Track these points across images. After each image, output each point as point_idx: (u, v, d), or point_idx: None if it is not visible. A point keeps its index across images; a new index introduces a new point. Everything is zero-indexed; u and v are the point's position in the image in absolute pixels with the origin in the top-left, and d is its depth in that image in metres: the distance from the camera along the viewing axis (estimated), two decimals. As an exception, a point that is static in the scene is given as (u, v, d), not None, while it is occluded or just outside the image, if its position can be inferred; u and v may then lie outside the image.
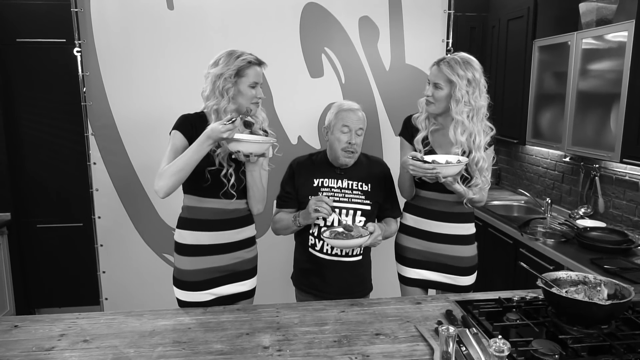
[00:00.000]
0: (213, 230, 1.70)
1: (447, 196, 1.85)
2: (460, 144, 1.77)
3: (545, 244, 2.48)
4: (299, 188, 1.88)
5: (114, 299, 2.77)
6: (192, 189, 1.68)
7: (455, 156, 1.77)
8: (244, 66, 1.65)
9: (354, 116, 1.82)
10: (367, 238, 1.69)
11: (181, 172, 1.57)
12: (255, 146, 1.58)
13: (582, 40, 2.50)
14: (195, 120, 1.68)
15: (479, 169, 1.78)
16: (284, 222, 1.86)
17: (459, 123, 1.77)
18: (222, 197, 1.68)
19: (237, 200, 1.72)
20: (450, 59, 1.77)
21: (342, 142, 1.81)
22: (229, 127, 1.50)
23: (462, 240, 1.89)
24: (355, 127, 1.81)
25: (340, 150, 1.83)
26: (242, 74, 1.65)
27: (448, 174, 1.68)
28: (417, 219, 1.91)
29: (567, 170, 3.12)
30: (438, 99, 1.79)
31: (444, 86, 1.78)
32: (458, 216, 1.88)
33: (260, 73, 1.69)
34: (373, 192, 1.88)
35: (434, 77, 1.80)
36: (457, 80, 1.74)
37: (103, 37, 2.52)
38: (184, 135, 1.65)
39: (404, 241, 1.96)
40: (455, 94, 1.75)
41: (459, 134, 1.77)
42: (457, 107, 1.75)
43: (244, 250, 1.77)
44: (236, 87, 1.65)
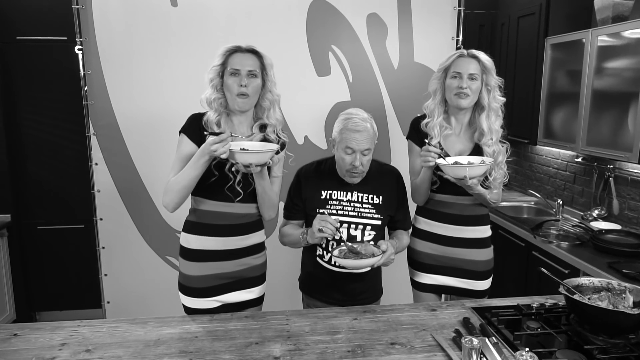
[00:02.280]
0: (220, 236, 1.63)
1: (462, 199, 1.79)
2: (496, 132, 1.74)
3: (560, 247, 2.41)
4: (306, 200, 1.79)
5: (116, 302, 2.71)
6: (200, 190, 1.60)
7: (478, 157, 1.71)
8: (227, 55, 1.59)
9: (360, 137, 1.64)
10: (380, 258, 1.60)
11: (184, 189, 1.55)
12: (254, 156, 1.47)
13: (598, 37, 2.44)
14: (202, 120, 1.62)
15: (496, 159, 1.74)
16: (292, 238, 1.76)
17: (494, 111, 1.74)
18: (228, 192, 1.59)
19: (247, 204, 1.65)
20: (472, 50, 1.75)
21: (346, 163, 1.70)
22: (216, 140, 1.43)
23: (478, 243, 1.83)
24: (361, 148, 1.66)
25: (344, 171, 1.73)
26: (226, 63, 1.60)
27: (475, 175, 1.62)
28: (431, 223, 1.85)
29: (579, 171, 3.05)
30: (475, 90, 1.73)
31: (478, 76, 1.73)
32: (474, 219, 1.81)
33: (247, 62, 1.58)
34: (385, 205, 1.79)
35: (467, 68, 1.71)
36: (492, 66, 1.73)
37: (105, 35, 2.46)
38: (191, 138, 1.59)
39: (417, 246, 1.89)
40: (489, 82, 1.73)
41: (493, 121, 1.74)
42: (492, 94, 1.74)
43: (252, 256, 1.70)
44: (222, 78, 1.60)
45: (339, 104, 2.62)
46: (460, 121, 1.81)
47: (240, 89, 1.57)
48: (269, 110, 1.67)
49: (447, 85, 1.76)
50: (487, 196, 1.73)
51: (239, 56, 1.59)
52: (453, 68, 1.74)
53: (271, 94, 1.66)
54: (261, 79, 1.62)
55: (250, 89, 1.59)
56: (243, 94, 1.58)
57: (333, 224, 1.60)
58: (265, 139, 1.68)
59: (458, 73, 1.72)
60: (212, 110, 1.60)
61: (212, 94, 1.59)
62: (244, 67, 1.57)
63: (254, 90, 1.60)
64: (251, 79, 1.59)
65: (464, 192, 1.75)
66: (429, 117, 1.81)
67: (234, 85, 1.57)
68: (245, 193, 1.61)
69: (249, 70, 1.58)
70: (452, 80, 1.74)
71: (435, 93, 1.81)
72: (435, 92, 1.81)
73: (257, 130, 1.67)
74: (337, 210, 1.75)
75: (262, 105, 1.67)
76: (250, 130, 1.67)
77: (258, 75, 1.61)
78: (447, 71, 1.77)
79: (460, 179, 1.62)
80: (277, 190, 1.72)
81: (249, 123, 1.68)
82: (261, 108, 1.68)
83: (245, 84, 1.57)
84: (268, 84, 1.65)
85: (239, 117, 1.66)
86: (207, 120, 1.60)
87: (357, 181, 1.75)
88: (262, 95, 1.66)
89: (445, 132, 1.78)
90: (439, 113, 1.79)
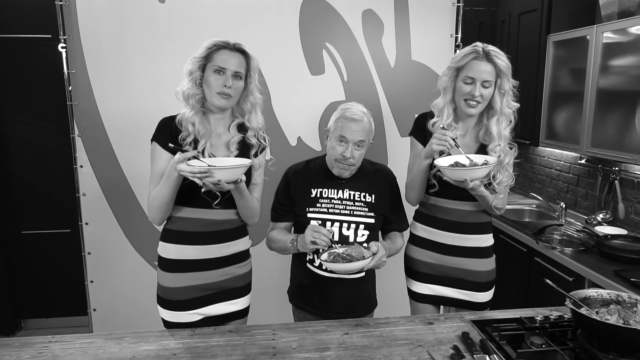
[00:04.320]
0: (200, 244, 1.53)
1: (463, 204, 1.69)
2: (505, 138, 1.64)
3: (563, 253, 2.31)
4: (295, 199, 1.71)
5: (103, 310, 2.61)
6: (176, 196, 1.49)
7: (480, 156, 1.61)
8: (212, 49, 1.49)
9: (356, 127, 1.59)
10: (370, 260, 1.51)
11: (164, 205, 1.47)
12: (222, 173, 1.35)
13: (603, 34, 2.33)
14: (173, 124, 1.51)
15: (502, 161, 1.64)
16: (281, 244, 1.68)
17: (505, 116, 1.64)
18: (205, 196, 1.48)
19: (227, 209, 1.55)
20: (491, 49, 1.62)
21: (337, 153, 1.62)
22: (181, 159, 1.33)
23: (480, 252, 1.73)
24: (355, 139, 1.59)
25: (333, 161, 1.65)
26: (209, 57, 1.49)
27: (477, 177, 1.51)
28: (430, 230, 1.75)
29: (582, 173, 2.95)
30: (487, 97, 1.62)
31: (492, 82, 1.61)
32: (475, 226, 1.71)
33: (234, 61, 1.48)
34: (377, 203, 1.70)
35: (481, 73, 1.58)
36: (508, 70, 1.62)
37: (89, 32, 2.37)
38: (164, 146, 1.48)
39: (414, 253, 1.79)
40: (503, 86, 1.62)
41: (504, 127, 1.64)
42: (505, 99, 1.63)
43: (235, 265, 1.60)
44: (203, 72, 1.49)
45: (333, 103, 2.52)
46: (468, 122, 1.71)
47: (223, 89, 1.47)
48: (250, 114, 1.58)
49: (458, 88, 1.64)
50: (490, 201, 1.63)
51: (226, 54, 1.49)
52: (466, 71, 1.61)
53: (253, 97, 1.58)
54: (244, 81, 1.53)
55: (233, 90, 1.49)
56: (225, 94, 1.48)
57: (326, 235, 1.51)
58: (244, 142, 1.58)
59: (471, 79, 1.60)
60: (189, 107, 1.50)
61: (191, 88, 1.49)
62: (231, 66, 1.48)
63: (236, 92, 1.51)
64: (235, 80, 1.49)
65: (465, 197, 1.65)
66: (438, 117, 1.70)
67: (216, 83, 1.47)
68: (223, 197, 1.51)
69: (235, 71, 1.49)
70: (464, 85, 1.62)
71: (445, 91, 1.69)
72: (445, 90, 1.69)
73: (234, 131, 1.57)
74: (328, 208, 1.66)
75: (243, 107, 1.58)
76: (228, 130, 1.58)
77: (243, 77, 1.52)
78: (459, 71, 1.64)
79: (461, 182, 1.51)
80: (258, 196, 1.63)
81: (226, 123, 1.59)
82: (241, 110, 1.59)
83: (230, 84, 1.47)
84: (251, 87, 1.56)
85: (216, 116, 1.56)
86: (181, 118, 1.50)
87: (347, 175, 1.67)
88: (244, 98, 1.57)
89: (453, 132, 1.68)
90: (448, 113, 1.67)
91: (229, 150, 1.54)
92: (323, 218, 1.66)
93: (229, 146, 1.55)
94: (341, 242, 1.63)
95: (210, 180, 1.33)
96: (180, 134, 1.49)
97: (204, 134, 1.49)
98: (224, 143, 1.56)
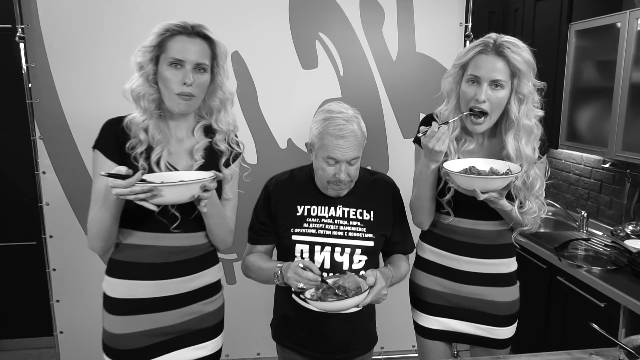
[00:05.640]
0: (156, 278, 1.23)
1: (482, 224, 1.40)
2: (527, 158, 1.30)
3: (591, 273, 2.01)
4: (277, 217, 1.42)
5: (71, 333, 2.37)
6: (123, 217, 1.20)
7: (504, 163, 1.30)
8: (165, 36, 1.19)
9: (345, 143, 1.28)
10: (366, 294, 1.22)
11: (103, 232, 1.17)
12: (173, 191, 1.07)
13: (638, 20, 2.04)
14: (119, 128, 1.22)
15: (531, 187, 1.32)
16: (261, 275, 1.39)
17: (525, 130, 1.30)
18: (160, 217, 1.19)
19: (190, 233, 1.26)
20: (505, 41, 1.28)
21: (328, 175, 1.33)
22: (117, 184, 1.04)
23: (501, 280, 1.44)
24: (346, 158, 1.30)
25: (325, 183, 1.36)
26: (163, 47, 1.19)
27: (491, 189, 1.21)
28: (440, 253, 1.45)
29: (607, 178, 2.65)
30: (497, 103, 1.28)
31: (506, 83, 1.28)
32: (497, 249, 1.42)
33: (194, 49, 1.18)
34: (377, 222, 1.42)
35: (489, 70, 1.26)
36: (527, 68, 1.27)
37: (51, 21, 2.10)
38: (109, 155, 1.20)
39: (422, 280, 1.50)
40: (521, 89, 1.28)
41: (524, 144, 1.29)
42: (524, 107, 1.29)
43: (202, 302, 1.30)
44: (157, 66, 1.20)
45: (328, 101, 2.23)
46: (483, 134, 1.40)
47: (183, 88, 1.18)
48: (219, 113, 1.29)
49: (462, 92, 1.33)
50: (515, 215, 1.31)
51: (183, 40, 1.19)
52: (471, 68, 1.30)
53: (222, 92, 1.28)
54: (210, 73, 1.24)
55: (196, 88, 1.20)
56: (187, 94, 1.19)
57: (314, 279, 1.22)
58: (212, 147, 1.29)
59: (476, 77, 1.28)
60: (140, 110, 1.21)
61: (142, 86, 1.20)
62: (190, 57, 1.18)
63: (201, 89, 1.22)
64: (198, 75, 1.20)
65: (486, 216, 1.36)
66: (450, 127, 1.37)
67: (174, 81, 1.18)
68: (185, 218, 1.22)
69: (196, 63, 1.19)
70: (468, 87, 1.30)
71: (449, 96, 1.38)
72: (450, 94, 1.38)
73: (200, 135, 1.29)
74: (317, 229, 1.38)
75: (210, 104, 1.29)
76: (192, 133, 1.29)
77: (208, 69, 1.22)
78: (464, 70, 1.33)
79: (471, 191, 1.22)
80: (230, 214, 1.34)
81: (189, 125, 1.30)
82: (208, 108, 1.30)
83: (191, 81, 1.18)
84: (218, 79, 1.26)
85: (176, 119, 1.27)
86: (130, 123, 1.21)
87: (343, 194, 1.39)
88: (211, 93, 1.28)
89: (465, 147, 1.38)
90: (455, 123, 1.35)
91: (192, 159, 1.26)
92: (311, 241, 1.37)
93: (193, 154, 1.26)
94: (333, 270, 1.34)
95: (159, 201, 1.05)
96: (129, 141, 1.20)
97: (159, 140, 1.20)
98: (187, 150, 1.27)
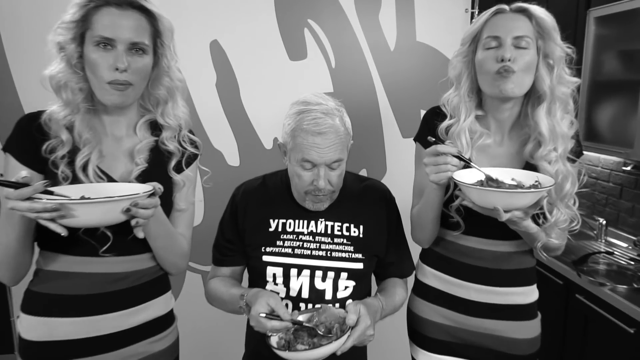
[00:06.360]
0: (85, 314, 1.00)
1: (498, 244, 1.16)
2: (562, 138, 1.07)
3: (615, 291, 1.78)
4: (245, 233, 1.19)
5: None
6: (44, 238, 0.99)
7: (529, 173, 1.06)
8: (88, 7, 0.95)
9: (323, 142, 1.06)
10: (344, 339, 0.98)
11: (10, 258, 0.96)
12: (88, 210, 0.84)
13: (669, 3, 1.80)
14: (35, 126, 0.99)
15: (559, 189, 1.08)
16: (225, 304, 1.16)
17: (560, 101, 1.08)
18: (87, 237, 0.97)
19: (127, 256, 1.03)
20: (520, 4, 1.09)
21: (304, 183, 1.11)
22: (8, 195, 0.81)
23: (519, 313, 1.19)
24: (326, 160, 1.07)
25: (302, 193, 1.13)
26: (87, 22, 0.96)
27: (517, 207, 0.97)
28: (445, 278, 1.21)
29: (628, 182, 2.40)
30: (526, 66, 1.06)
31: (531, 41, 1.07)
32: (515, 275, 1.18)
33: (128, 23, 0.95)
34: (367, 238, 1.18)
35: (511, 28, 1.05)
36: (553, 25, 1.07)
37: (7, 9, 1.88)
38: (22, 160, 0.97)
39: (422, 310, 1.25)
40: (550, 51, 1.06)
41: (558, 119, 1.07)
42: (555, 73, 1.07)
43: (149, 340, 1.08)
44: (82, 47, 0.96)
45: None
46: (503, 123, 1.16)
47: (115, 75, 0.95)
48: (166, 105, 1.06)
49: (479, 63, 1.10)
50: (541, 240, 1.07)
51: (112, 14, 0.95)
52: (487, 31, 1.09)
53: (169, 79, 1.05)
54: (152, 55, 1.01)
55: (134, 75, 0.97)
56: (121, 83, 0.95)
57: (281, 327, 0.99)
58: (158, 148, 1.06)
59: (495, 38, 1.07)
60: (61, 103, 0.98)
61: (64, 72, 0.97)
62: (122, 35, 0.95)
63: (140, 75, 0.99)
64: (135, 57, 0.97)
65: (502, 235, 1.12)
66: (452, 118, 1.16)
67: (103, 66, 0.95)
68: (120, 238, 0.99)
69: (131, 43, 0.96)
70: (487, 53, 1.08)
71: (459, 79, 1.16)
72: (460, 77, 1.15)
73: (144, 133, 1.06)
74: (293, 248, 1.15)
75: (155, 94, 1.06)
76: (133, 131, 1.05)
77: (148, 49, 0.99)
78: (477, 41, 1.12)
79: (490, 210, 0.98)
80: (184, 230, 1.11)
81: (130, 121, 1.07)
82: (152, 98, 1.07)
83: (125, 65, 0.94)
84: (164, 63, 1.03)
85: (113, 116, 1.04)
86: (48, 119, 0.98)
87: (324, 207, 1.15)
88: (155, 80, 1.05)
89: (481, 141, 1.13)
90: (467, 110, 1.13)
91: (132, 162, 1.02)
92: (286, 263, 1.14)
93: (134, 156, 1.02)
94: (313, 301, 1.11)
95: (71, 222, 0.82)
96: (48, 142, 0.97)
97: (87, 140, 0.97)
98: (126, 152, 1.05)
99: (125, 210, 0.85)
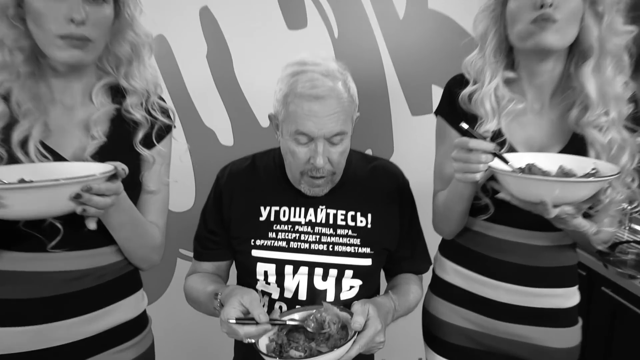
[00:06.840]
0: (37, 322, 0.84)
1: (534, 236, 0.99)
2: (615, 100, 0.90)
3: (647, 284, 1.61)
4: (231, 223, 1.03)
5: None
6: None
7: (581, 158, 0.90)
8: None
9: (322, 109, 0.89)
10: (349, 346, 0.83)
11: None
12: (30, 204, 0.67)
13: None
14: None
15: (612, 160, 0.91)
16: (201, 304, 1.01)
17: (612, 56, 0.90)
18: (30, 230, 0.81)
19: (84, 250, 0.88)
20: None
21: (300, 161, 0.94)
22: None
23: (558, 318, 1.03)
24: (325, 132, 0.90)
25: (297, 174, 0.97)
26: None
27: (570, 200, 0.80)
28: (470, 275, 1.04)
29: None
30: (569, 13, 0.88)
31: None
32: (553, 274, 1.01)
33: None
34: (377, 229, 1.02)
35: None
36: None
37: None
38: None
39: (441, 311, 1.10)
40: None
41: (610, 78, 0.90)
42: (605, 24, 0.89)
43: (117, 349, 0.93)
44: None
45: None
46: (542, 89, 0.99)
47: (69, 28, 0.77)
48: (130, 65, 0.90)
49: (512, 13, 0.92)
50: (591, 233, 0.91)
51: None
52: None
53: (134, 34, 0.88)
54: (113, 5, 0.83)
55: (93, 28, 0.80)
56: (76, 37, 0.78)
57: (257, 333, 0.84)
58: (121, 117, 0.90)
59: None
60: None
61: None
62: None
63: (100, 28, 0.81)
64: (94, 6, 0.80)
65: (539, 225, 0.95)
66: (475, 83, 0.99)
67: (53, 17, 0.78)
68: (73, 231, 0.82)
69: None
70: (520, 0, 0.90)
71: (484, 37, 0.98)
72: (486, 35, 0.98)
73: (102, 99, 0.90)
74: (288, 241, 1.00)
75: (116, 52, 0.89)
76: (89, 99, 0.88)
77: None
78: None
79: (535, 204, 0.80)
80: (155, 219, 0.96)
81: (84, 87, 0.90)
82: (113, 58, 0.90)
83: (83, 16, 0.77)
84: (126, 14, 0.86)
85: (63, 79, 0.86)
86: None
87: (324, 192, 0.99)
88: (116, 35, 0.87)
89: (511, 107, 0.96)
90: (493, 72, 0.95)
91: (88, 136, 0.86)
92: (279, 258, 0.99)
93: (90, 128, 0.85)
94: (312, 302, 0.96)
95: (4, 213, 0.66)
96: None
97: (28, 110, 0.81)
98: (80, 123, 0.88)
99: (75, 196, 0.68)
